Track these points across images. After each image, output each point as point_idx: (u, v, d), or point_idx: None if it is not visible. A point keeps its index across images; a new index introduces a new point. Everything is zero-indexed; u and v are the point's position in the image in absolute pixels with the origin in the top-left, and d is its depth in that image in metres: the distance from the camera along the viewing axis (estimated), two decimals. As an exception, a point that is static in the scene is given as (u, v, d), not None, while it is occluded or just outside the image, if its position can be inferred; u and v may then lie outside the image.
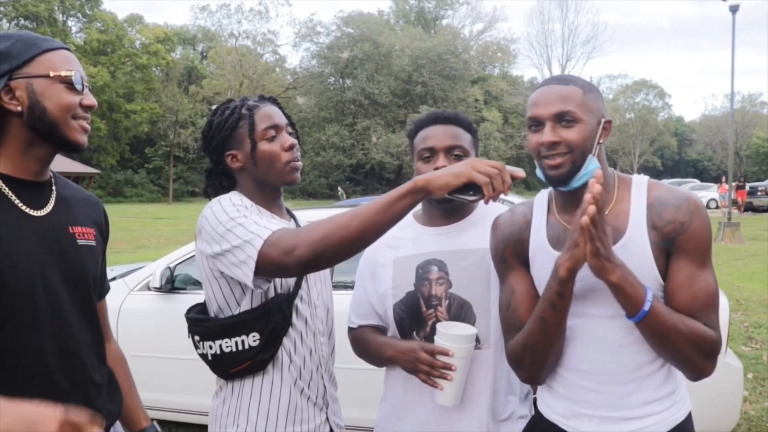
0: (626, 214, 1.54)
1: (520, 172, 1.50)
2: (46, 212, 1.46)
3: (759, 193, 29.98)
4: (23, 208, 1.40)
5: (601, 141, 1.55)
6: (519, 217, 1.70)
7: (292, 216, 1.93)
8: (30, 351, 1.36)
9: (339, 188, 40.93)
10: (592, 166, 1.52)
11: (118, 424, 1.68)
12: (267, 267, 1.53)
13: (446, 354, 1.69)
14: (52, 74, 1.40)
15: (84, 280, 1.50)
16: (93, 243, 1.55)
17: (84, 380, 1.48)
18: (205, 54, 58.73)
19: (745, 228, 18.08)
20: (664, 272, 1.51)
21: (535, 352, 1.57)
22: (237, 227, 1.58)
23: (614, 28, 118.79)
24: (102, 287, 1.67)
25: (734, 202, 25.58)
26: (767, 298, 8.93)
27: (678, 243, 1.50)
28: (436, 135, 1.86)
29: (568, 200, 1.61)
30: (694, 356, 1.47)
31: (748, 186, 31.75)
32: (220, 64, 51.54)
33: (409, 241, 1.89)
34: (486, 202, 1.46)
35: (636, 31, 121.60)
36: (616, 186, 1.59)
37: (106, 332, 1.75)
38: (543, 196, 1.71)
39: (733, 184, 25.77)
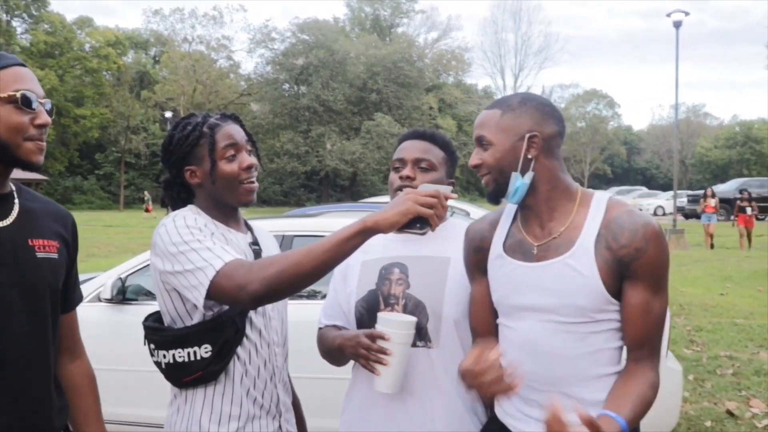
0: (580, 228, 1.60)
1: (451, 194, 1.63)
2: (4, 224, 1.45)
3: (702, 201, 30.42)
4: None
5: (530, 156, 1.61)
6: (485, 224, 1.80)
7: (250, 228, 1.97)
8: None
9: (145, 192, 39.91)
10: (517, 183, 1.61)
11: None
12: (219, 296, 1.60)
13: (383, 338, 1.76)
14: None
15: (39, 293, 1.50)
16: (54, 255, 1.55)
17: (22, 393, 1.47)
18: (157, 59, 57.70)
19: (690, 235, 18.65)
20: (615, 291, 1.57)
21: None
22: (190, 252, 1.63)
23: (566, 40, 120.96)
24: (68, 300, 1.67)
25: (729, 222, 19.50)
26: (709, 303, 9.26)
27: (633, 268, 1.54)
28: (408, 148, 2.00)
29: (525, 214, 1.70)
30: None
31: (686, 194, 28.42)
32: (173, 69, 50.66)
33: (378, 246, 1.97)
34: (433, 230, 1.58)
35: (587, 43, 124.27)
36: (578, 200, 1.65)
37: (75, 347, 1.75)
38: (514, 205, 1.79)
39: (709, 198, 18.42)
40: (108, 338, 4.08)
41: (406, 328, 1.78)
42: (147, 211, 34.93)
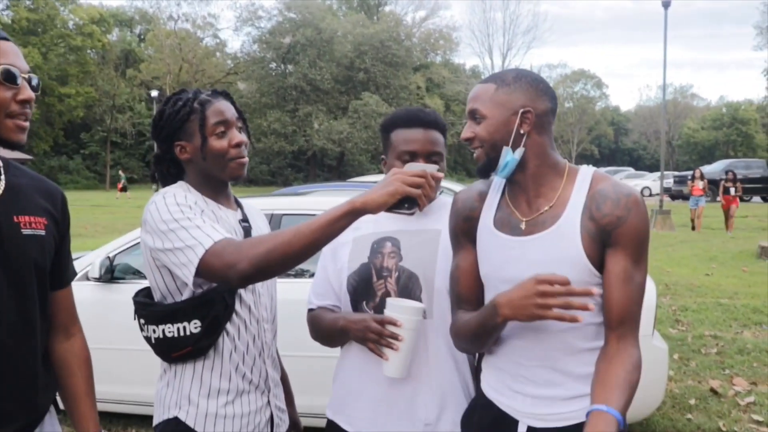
0: (566, 203, 1.62)
1: (439, 174, 1.63)
2: None
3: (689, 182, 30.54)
4: None
5: (522, 131, 1.61)
6: (474, 194, 1.79)
7: (240, 205, 1.97)
8: None
9: (120, 172, 39.57)
10: (508, 157, 1.61)
11: (53, 417, 1.65)
12: (208, 274, 1.60)
13: (395, 324, 1.77)
14: None
15: (24, 271, 1.48)
16: (42, 233, 1.53)
17: (6, 370, 1.46)
18: (142, 37, 57.05)
19: (676, 215, 18.79)
20: (598, 262, 1.58)
21: (465, 343, 1.74)
22: (180, 230, 1.63)
23: (554, 19, 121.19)
24: (61, 276, 1.66)
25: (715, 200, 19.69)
26: (694, 283, 9.36)
27: (614, 237, 1.56)
28: (419, 140, 1.94)
29: (513, 189, 1.70)
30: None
31: (673, 175, 28.95)
32: (159, 48, 50.19)
33: (369, 223, 1.96)
34: (421, 210, 1.60)
35: (575, 23, 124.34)
36: (565, 176, 1.66)
37: (71, 325, 1.73)
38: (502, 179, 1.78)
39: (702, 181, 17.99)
40: (96, 317, 4.06)
41: (416, 314, 1.79)
42: (119, 190, 33.84)
